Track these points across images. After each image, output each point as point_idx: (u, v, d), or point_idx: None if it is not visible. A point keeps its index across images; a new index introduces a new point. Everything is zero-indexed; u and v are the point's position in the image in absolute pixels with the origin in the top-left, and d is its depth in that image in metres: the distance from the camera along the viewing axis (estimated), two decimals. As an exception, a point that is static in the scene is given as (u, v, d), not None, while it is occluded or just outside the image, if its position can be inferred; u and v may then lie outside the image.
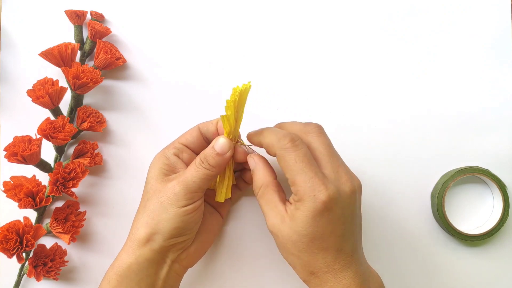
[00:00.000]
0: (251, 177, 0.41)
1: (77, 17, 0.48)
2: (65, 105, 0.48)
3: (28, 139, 0.44)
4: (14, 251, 0.43)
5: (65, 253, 0.47)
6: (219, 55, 0.50)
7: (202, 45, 0.50)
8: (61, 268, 0.46)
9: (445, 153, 0.49)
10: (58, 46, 0.46)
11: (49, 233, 0.47)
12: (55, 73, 0.49)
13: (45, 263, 0.45)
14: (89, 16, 0.49)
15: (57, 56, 0.46)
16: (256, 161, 0.40)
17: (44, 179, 0.47)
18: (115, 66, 0.48)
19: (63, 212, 0.46)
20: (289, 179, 0.37)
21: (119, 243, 0.41)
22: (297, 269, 0.39)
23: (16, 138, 0.44)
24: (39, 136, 0.44)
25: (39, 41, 0.50)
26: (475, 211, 0.49)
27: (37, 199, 0.44)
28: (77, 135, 0.48)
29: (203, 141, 0.43)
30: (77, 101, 0.48)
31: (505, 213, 0.46)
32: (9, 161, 0.43)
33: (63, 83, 0.48)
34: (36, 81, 0.45)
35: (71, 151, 0.49)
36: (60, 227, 0.45)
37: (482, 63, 0.50)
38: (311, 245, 0.37)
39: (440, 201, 0.46)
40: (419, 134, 0.49)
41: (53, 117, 0.47)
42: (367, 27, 0.50)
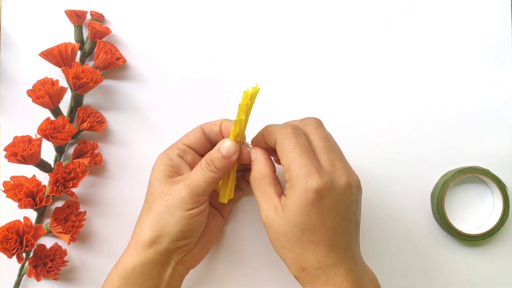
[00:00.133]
0: (246, 157, 0.41)
1: (77, 17, 0.48)
2: (65, 105, 0.48)
3: (28, 139, 0.44)
4: (14, 251, 0.43)
5: (65, 253, 0.47)
6: (219, 55, 0.50)
7: (202, 45, 0.50)
8: (61, 268, 0.46)
9: (445, 153, 0.49)
10: (58, 46, 0.46)
11: (49, 233, 0.47)
12: (55, 73, 0.49)
13: (45, 263, 0.45)
14: (89, 16, 0.49)
15: (57, 56, 0.46)
16: (257, 152, 0.40)
17: (44, 179, 0.47)
18: (115, 66, 0.48)
19: (63, 212, 0.46)
20: (284, 166, 0.37)
21: (119, 243, 0.41)
22: (288, 264, 0.38)
23: (16, 138, 0.44)
24: (39, 136, 0.44)
25: (39, 41, 0.50)
26: (475, 211, 0.49)
27: (37, 199, 0.44)
28: (77, 135, 0.48)
29: (206, 142, 0.43)
30: (77, 101, 0.48)
31: (505, 213, 0.46)
32: (9, 161, 0.43)
33: (63, 83, 0.48)
34: (36, 81, 0.45)
35: (71, 151, 0.49)
36: (60, 227, 0.45)
37: (482, 63, 0.50)
38: (302, 237, 0.36)
39: (440, 201, 0.46)
40: (419, 134, 0.49)
41: (53, 117, 0.47)
42: (367, 27, 0.50)
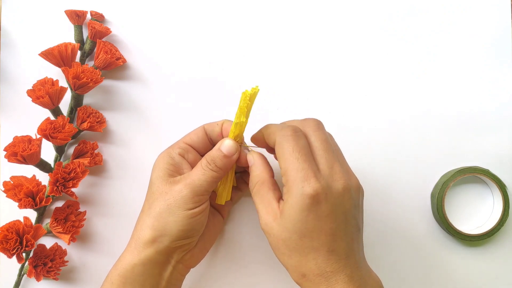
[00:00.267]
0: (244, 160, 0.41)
1: (77, 17, 0.48)
2: (65, 105, 0.48)
3: (28, 139, 0.44)
4: (14, 251, 0.43)
5: (65, 253, 0.47)
6: (219, 55, 0.50)
7: (202, 45, 0.50)
8: (61, 268, 0.46)
9: (445, 153, 0.49)
10: (58, 46, 0.46)
11: (49, 233, 0.47)
12: (55, 73, 0.49)
13: (45, 263, 0.45)
14: (89, 16, 0.49)
15: (57, 56, 0.46)
16: (255, 158, 0.40)
17: (44, 179, 0.47)
18: (115, 66, 0.48)
19: (63, 212, 0.46)
20: (282, 168, 0.37)
21: (119, 243, 0.41)
22: (289, 271, 0.38)
23: (16, 138, 0.44)
24: (39, 136, 0.44)
25: (39, 41, 0.50)
26: (475, 211, 0.49)
27: (37, 199, 0.44)
28: (77, 135, 0.48)
29: (208, 142, 0.43)
30: (77, 101, 0.48)
31: (505, 213, 0.46)
32: (9, 161, 0.43)
33: (63, 83, 0.48)
34: (36, 81, 0.45)
35: (71, 151, 0.49)
36: (60, 227, 0.45)
37: (482, 63, 0.50)
38: (300, 243, 0.36)
39: (440, 201, 0.46)
40: (419, 134, 0.49)
41: (53, 117, 0.47)
42: (367, 27, 0.50)
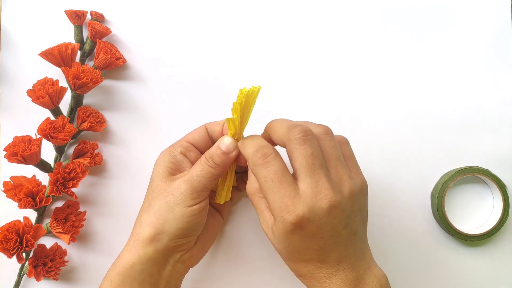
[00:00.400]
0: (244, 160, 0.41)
1: (77, 17, 0.48)
2: (65, 105, 0.48)
3: (28, 139, 0.44)
4: (14, 251, 0.43)
5: (65, 253, 0.47)
6: (219, 55, 0.50)
7: (202, 45, 0.50)
8: (61, 268, 0.46)
9: (445, 153, 0.49)
10: (58, 46, 0.46)
11: (49, 233, 0.47)
12: (55, 73, 0.49)
13: (45, 263, 0.45)
14: (89, 16, 0.49)
15: (57, 56, 0.46)
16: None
17: (44, 179, 0.47)
18: (115, 66, 0.48)
19: (63, 212, 0.46)
20: (263, 195, 0.37)
21: (119, 243, 0.41)
22: (290, 267, 0.39)
23: (16, 138, 0.44)
24: (39, 136, 0.44)
25: (39, 41, 0.50)
26: (475, 211, 0.49)
27: (37, 199, 0.44)
28: (77, 135, 0.48)
29: (210, 141, 0.43)
30: (77, 101, 0.48)
31: (505, 213, 0.46)
32: (9, 161, 0.43)
33: (63, 83, 0.48)
34: (36, 81, 0.45)
35: (71, 151, 0.49)
36: (60, 227, 0.45)
37: (482, 63, 0.50)
38: (291, 256, 0.37)
39: (440, 201, 0.46)
40: (419, 134, 0.49)
41: (53, 117, 0.47)
42: (367, 27, 0.50)
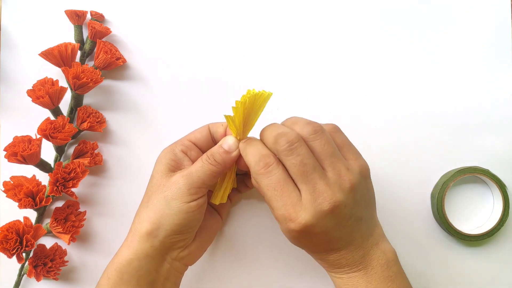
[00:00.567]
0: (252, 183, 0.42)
1: (77, 17, 0.48)
2: (65, 105, 0.48)
3: (28, 139, 0.44)
4: (14, 251, 0.43)
5: (65, 253, 0.47)
6: (219, 55, 0.50)
7: (202, 45, 0.50)
8: (61, 268, 0.46)
9: (445, 153, 0.49)
10: (58, 46, 0.46)
11: (49, 233, 0.47)
12: (55, 73, 0.49)
13: (45, 263, 0.45)
14: (89, 16, 0.49)
15: (57, 56, 0.46)
16: None
17: (44, 179, 0.47)
18: (115, 66, 0.48)
19: (63, 212, 0.46)
20: (266, 201, 0.38)
21: (119, 243, 0.41)
22: None
23: (16, 138, 0.44)
24: (39, 136, 0.44)
25: (39, 41, 0.50)
26: (475, 211, 0.49)
27: (37, 199, 0.44)
28: (77, 135, 0.48)
29: (212, 141, 0.43)
30: (77, 101, 0.48)
31: (505, 213, 0.46)
32: (9, 161, 0.43)
33: (63, 83, 0.48)
34: (36, 81, 0.45)
35: (71, 151, 0.49)
36: (60, 227, 0.45)
37: (482, 63, 0.50)
38: (301, 247, 0.39)
39: (440, 201, 0.46)
40: (419, 134, 0.49)
41: (53, 117, 0.47)
42: (367, 27, 0.50)
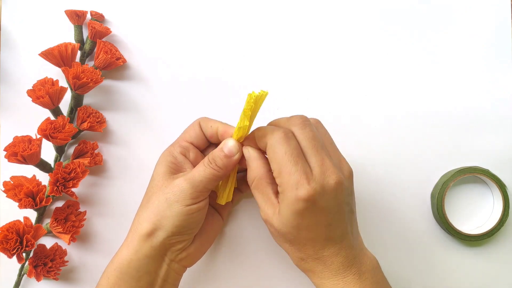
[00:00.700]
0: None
1: (77, 17, 0.48)
2: (65, 105, 0.48)
3: (28, 139, 0.44)
4: (14, 251, 0.43)
5: (65, 253, 0.47)
6: (219, 55, 0.50)
7: (202, 45, 0.50)
8: (61, 268, 0.46)
9: (445, 153, 0.49)
10: (58, 46, 0.46)
11: (49, 233, 0.47)
12: (55, 73, 0.49)
13: (45, 263, 0.45)
14: (89, 16, 0.49)
15: (57, 56, 0.46)
16: (251, 152, 0.40)
17: (44, 179, 0.47)
18: (115, 66, 0.48)
19: (63, 212, 0.46)
20: (275, 171, 0.37)
21: (119, 243, 0.41)
22: (289, 255, 0.40)
23: (16, 138, 0.44)
24: (39, 136, 0.44)
25: (39, 41, 0.50)
26: (475, 211, 0.49)
27: (37, 199, 0.44)
28: (77, 135, 0.48)
29: (205, 138, 0.43)
30: (77, 101, 0.48)
31: (505, 213, 0.46)
32: (9, 161, 0.43)
33: (63, 83, 0.48)
34: (36, 81, 0.45)
35: (71, 151, 0.49)
36: (60, 227, 0.45)
37: (482, 63, 0.50)
38: (299, 236, 0.38)
39: (440, 201, 0.46)
40: (419, 134, 0.49)
41: (53, 117, 0.47)
42: (367, 27, 0.50)
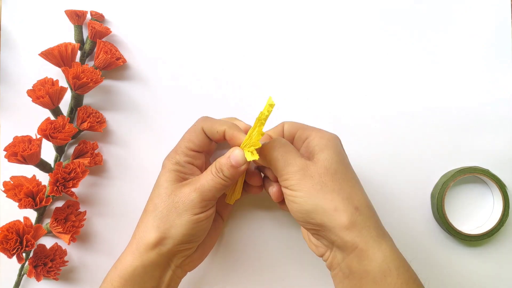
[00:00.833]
0: (255, 180, 0.43)
1: (77, 17, 0.48)
2: (65, 105, 0.48)
3: (28, 139, 0.44)
4: (14, 251, 0.43)
5: (65, 253, 0.47)
6: (219, 55, 0.50)
7: (202, 45, 0.50)
8: (61, 268, 0.46)
9: (445, 153, 0.49)
10: (58, 46, 0.46)
11: (49, 233, 0.47)
12: (55, 73, 0.49)
13: (45, 263, 0.45)
14: (89, 16, 0.49)
15: (57, 56, 0.46)
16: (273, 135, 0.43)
17: (44, 179, 0.47)
18: (115, 66, 0.48)
19: (63, 212, 0.46)
20: (301, 138, 0.41)
21: (119, 243, 0.41)
22: (339, 212, 0.37)
23: (16, 138, 0.44)
24: (39, 136, 0.44)
25: (39, 41, 0.50)
26: (475, 211, 0.49)
27: (37, 199, 0.44)
28: (77, 135, 0.48)
29: (209, 142, 0.42)
30: (77, 101, 0.48)
31: (505, 213, 0.46)
32: (9, 161, 0.43)
33: (63, 83, 0.48)
34: (36, 81, 0.45)
35: (71, 151, 0.49)
36: (60, 227, 0.45)
37: (482, 62, 0.50)
38: (347, 173, 0.39)
39: (440, 201, 0.46)
40: (419, 134, 0.49)
41: (53, 117, 0.47)
42: (367, 27, 0.50)
